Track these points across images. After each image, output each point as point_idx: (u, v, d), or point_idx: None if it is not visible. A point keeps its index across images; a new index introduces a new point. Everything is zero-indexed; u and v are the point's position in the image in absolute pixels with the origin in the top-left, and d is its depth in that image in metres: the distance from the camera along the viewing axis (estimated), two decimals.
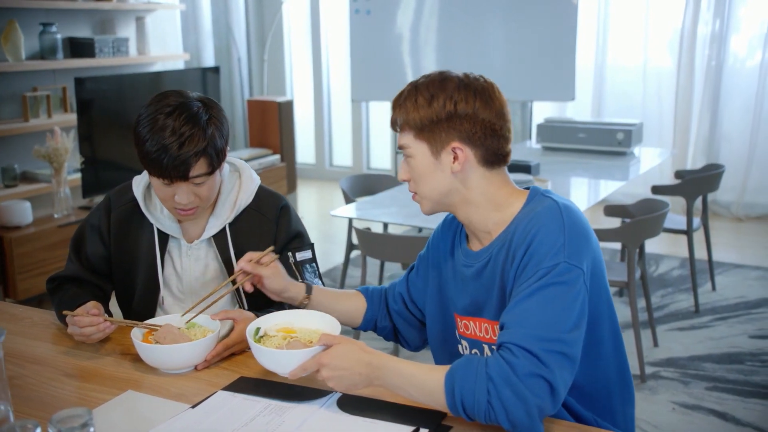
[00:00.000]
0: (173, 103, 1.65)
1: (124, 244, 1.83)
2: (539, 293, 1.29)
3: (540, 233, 1.34)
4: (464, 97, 1.40)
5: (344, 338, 1.39)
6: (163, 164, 1.61)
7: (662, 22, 5.75)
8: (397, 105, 1.46)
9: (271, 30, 6.90)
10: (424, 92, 1.42)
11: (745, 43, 5.55)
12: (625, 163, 4.30)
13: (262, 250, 1.81)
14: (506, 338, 1.28)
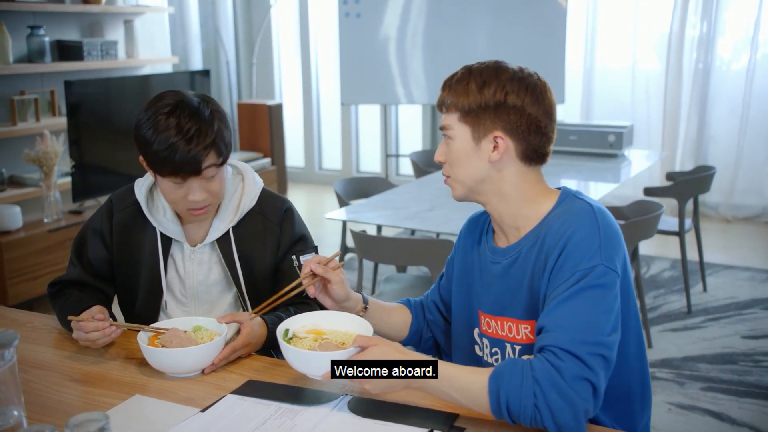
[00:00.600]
0: (171, 102, 1.63)
1: (126, 247, 1.81)
2: (579, 296, 1.29)
3: (575, 235, 1.34)
4: (516, 89, 1.40)
5: (380, 339, 1.38)
6: (175, 161, 1.59)
7: (650, 26, 5.80)
8: (447, 86, 1.46)
9: (260, 33, 6.88)
10: (477, 77, 1.41)
11: (731, 46, 5.60)
12: (616, 166, 4.33)
13: (266, 253, 1.80)
14: (549, 341, 1.27)
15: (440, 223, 3.18)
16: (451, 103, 1.44)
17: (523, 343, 1.46)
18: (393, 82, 5.89)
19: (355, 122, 7.13)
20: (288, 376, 1.57)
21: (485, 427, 1.34)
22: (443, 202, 3.52)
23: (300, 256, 1.83)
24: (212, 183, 1.67)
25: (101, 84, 4.64)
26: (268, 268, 1.81)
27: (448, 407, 1.40)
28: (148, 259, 1.80)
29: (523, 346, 1.46)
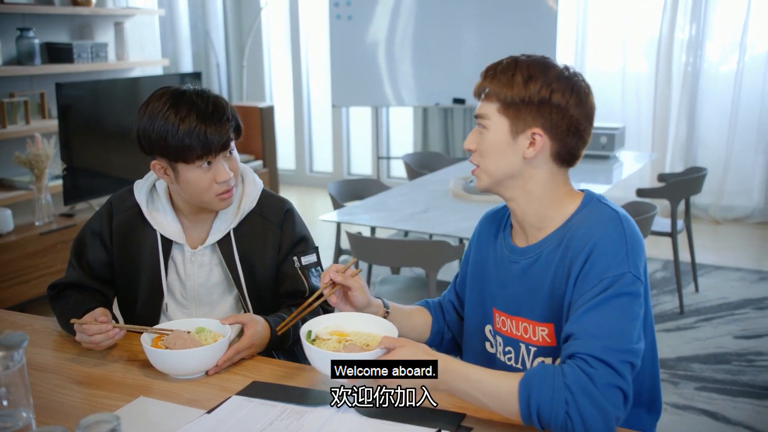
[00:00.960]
0: (167, 92, 1.65)
1: (126, 249, 1.80)
2: (608, 304, 1.28)
3: (602, 242, 1.33)
4: (561, 89, 1.38)
5: (407, 340, 1.36)
6: (208, 138, 1.60)
7: (640, 28, 5.83)
8: (490, 74, 1.43)
9: (250, 36, 6.87)
10: (524, 70, 1.39)
11: (720, 48, 5.64)
12: (609, 167, 4.35)
13: (267, 254, 1.79)
14: (579, 349, 1.26)
15: (435, 225, 3.18)
16: (492, 92, 1.41)
17: (539, 345, 1.46)
18: (384, 84, 5.89)
19: (346, 124, 7.13)
20: (292, 378, 1.56)
21: (493, 428, 1.34)
22: (438, 203, 3.52)
23: (301, 257, 1.82)
24: (232, 160, 1.70)
25: (92, 86, 4.62)
26: (270, 270, 1.81)
27: (455, 407, 1.40)
28: (148, 261, 1.78)
29: (539, 348, 1.46)
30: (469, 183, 3.70)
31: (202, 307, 1.81)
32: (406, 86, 5.84)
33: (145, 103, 1.67)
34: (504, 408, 1.27)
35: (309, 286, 1.81)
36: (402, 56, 5.81)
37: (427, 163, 4.78)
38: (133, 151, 5.16)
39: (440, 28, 5.70)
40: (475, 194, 3.58)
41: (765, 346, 3.57)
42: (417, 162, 4.74)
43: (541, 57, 1.42)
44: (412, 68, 5.78)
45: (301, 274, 1.81)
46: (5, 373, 1.08)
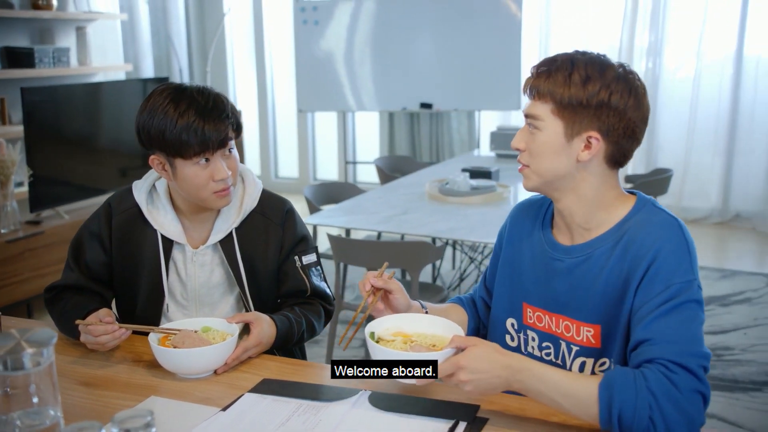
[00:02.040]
0: (168, 88, 1.66)
1: (126, 250, 1.78)
2: (680, 310, 1.27)
3: (665, 249, 1.31)
4: (620, 90, 1.33)
5: (479, 339, 1.32)
6: (206, 135, 1.60)
7: (601, 36, 5.97)
8: (544, 72, 1.37)
9: (214, 41, 6.82)
10: (581, 71, 1.34)
11: (678, 55, 5.81)
12: None
13: (269, 254, 1.80)
14: (658, 354, 1.24)
15: (415, 227, 3.21)
16: (546, 91, 1.36)
17: (582, 345, 1.44)
18: (351, 89, 5.92)
19: (312, 130, 7.12)
20: (301, 375, 1.57)
21: (507, 419, 1.36)
22: (415, 206, 3.55)
23: (302, 257, 1.83)
24: (231, 159, 1.69)
25: (56, 91, 4.53)
26: (271, 269, 1.81)
27: (468, 399, 1.42)
28: (148, 262, 1.77)
29: (582, 347, 1.44)
30: (444, 185, 3.74)
31: (203, 308, 1.80)
32: (372, 91, 5.87)
33: (147, 98, 1.67)
34: (581, 410, 1.25)
35: (310, 285, 1.82)
36: (369, 61, 5.84)
37: (399, 166, 4.81)
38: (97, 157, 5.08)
39: (407, 33, 5.76)
40: (451, 196, 3.62)
41: (732, 341, 3.68)
42: (388, 166, 4.77)
43: (597, 55, 1.37)
44: (379, 73, 5.82)
45: (303, 273, 1.82)
46: (35, 370, 1.06)
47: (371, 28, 5.81)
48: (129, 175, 5.03)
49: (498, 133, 4.87)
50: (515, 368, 1.27)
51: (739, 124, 5.68)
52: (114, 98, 4.93)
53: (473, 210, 3.47)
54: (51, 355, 1.08)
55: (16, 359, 1.05)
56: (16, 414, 1.08)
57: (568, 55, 1.38)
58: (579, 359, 1.45)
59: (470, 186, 3.67)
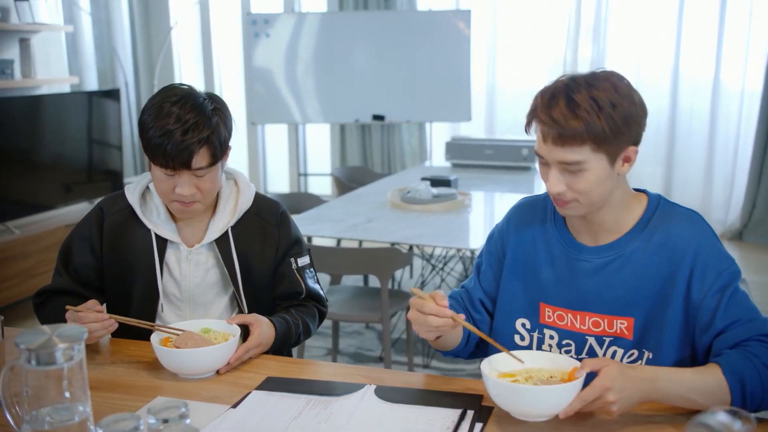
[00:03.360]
0: (180, 93, 1.66)
1: (118, 252, 1.78)
2: (739, 293, 1.39)
3: (703, 240, 1.42)
4: (634, 100, 1.37)
5: (606, 359, 1.34)
6: (167, 150, 1.59)
7: (547, 48, 6.16)
8: (570, 113, 1.32)
9: (161, 54, 6.75)
10: (603, 97, 1.32)
11: (618, 68, 6.03)
12: (530, 178, 4.57)
13: (265, 254, 1.82)
14: (748, 333, 1.37)
15: (383, 234, 3.27)
16: (579, 133, 1.33)
17: (615, 336, 1.48)
18: (303, 101, 5.95)
19: (262, 142, 7.11)
20: (302, 373, 1.60)
21: None
22: (378, 214, 3.61)
23: (297, 259, 1.85)
24: (203, 181, 1.67)
25: None
26: (267, 270, 1.83)
27: (471, 390, 1.47)
28: (142, 262, 1.77)
29: (615, 338, 1.48)
30: (406, 194, 3.81)
31: (197, 308, 1.80)
32: (325, 103, 5.92)
33: (161, 89, 1.70)
34: (713, 401, 1.29)
35: (305, 287, 1.85)
36: (321, 74, 5.89)
37: (355, 177, 4.86)
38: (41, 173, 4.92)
39: (360, 47, 5.83)
40: (413, 204, 3.69)
41: None
42: (346, 176, 4.81)
43: (603, 75, 1.36)
44: (331, 85, 5.87)
45: (298, 275, 1.84)
46: (67, 365, 1.07)
47: (324, 41, 5.86)
48: (74, 191, 4.95)
49: (453, 143, 4.97)
50: (649, 379, 1.30)
51: (678, 135, 5.93)
52: (58, 112, 4.84)
53: (435, 217, 3.55)
54: (82, 351, 1.09)
55: (49, 354, 1.06)
56: (46, 410, 1.09)
57: (576, 85, 1.34)
58: (611, 348, 1.49)
59: (431, 194, 3.74)
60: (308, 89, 5.92)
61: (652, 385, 1.29)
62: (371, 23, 5.82)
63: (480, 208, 3.92)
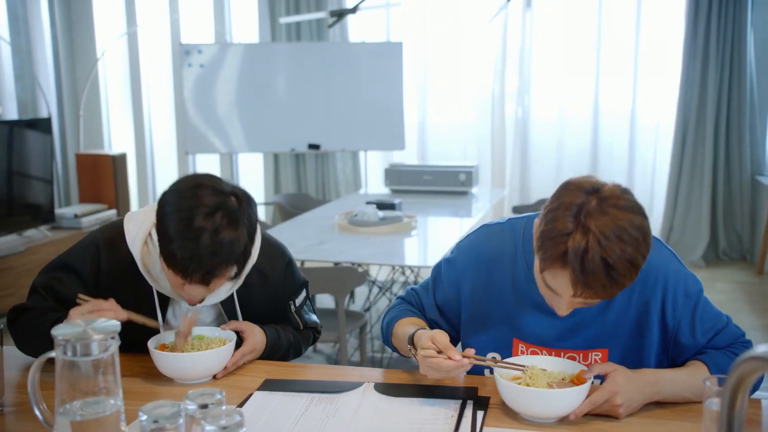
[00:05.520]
0: (215, 203, 1.48)
1: (116, 296, 1.62)
2: (706, 305, 1.51)
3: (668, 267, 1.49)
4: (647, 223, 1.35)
5: (613, 364, 1.41)
6: (188, 270, 1.47)
7: (475, 80, 6.38)
8: (611, 286, 1.30)
9: (87, 85, 6.63)
10: (638, 256, 1.30)
11: (543, 100, 6.31)
12: (468, 202, 4.72)
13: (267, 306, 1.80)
14: (729, 340, 1.51)
15: (337, 254, 3.32)
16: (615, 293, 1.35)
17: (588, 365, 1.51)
18: (237, 131, 5.96)
19: (194, 171, 7.04)
20: (298, 375, 1.63)
21: None
22: (329, 236, 3.66)
23: (296, 300, 1.85)
24: (209, 290, 1.58)
25: None
26: (267, 314, 1.81)
27: (466, 382, 1.55)
28: (141, 312, 1.64)
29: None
30: (354, 217, 3.88)
31: None
32: (260, 132, 5.95)
33: (189, 186, 1.52)
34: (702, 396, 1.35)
35: (302, 323, 1.87)
36: (256, 103, 5.92)
37: (296, 204, 4.90)
38: None
39: (294, 76, 5.91)
40: (362, 226, 3.76)
41: None
42: (290, 203, 4.85)
43: (627, 221, 1.29)
44: (266, 115, 5.91)
45: (297, 315, 1.85)
46: (102, 356, 1.08)
47: (258, 72, 5.91)
48: None
49: (392, 169, 5.09)
50: (652, 382, 1.41)
51: (599, 164, 6.23)
52: None
53: (384, 238, 3.63)
54: (116, 344, 1.10)
55: (85, 345, 1.07)
56: (78, 404, 1.09)
57: (606, 245, 1.27)
58: None
59: (378, 216, 3.83)
60: (243, 119, 5.93)
61: (654, 387, 1.41)
62: (305, 54, 5.91)
63: (427, 229, 4.02)
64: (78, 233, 5.04)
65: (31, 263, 4.69)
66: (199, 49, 5.91)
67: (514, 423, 1.38)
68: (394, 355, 3.90)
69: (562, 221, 1.31)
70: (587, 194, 1.32)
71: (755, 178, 5.80)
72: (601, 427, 1.36)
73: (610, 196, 1.31)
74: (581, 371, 1.42)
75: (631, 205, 1.32)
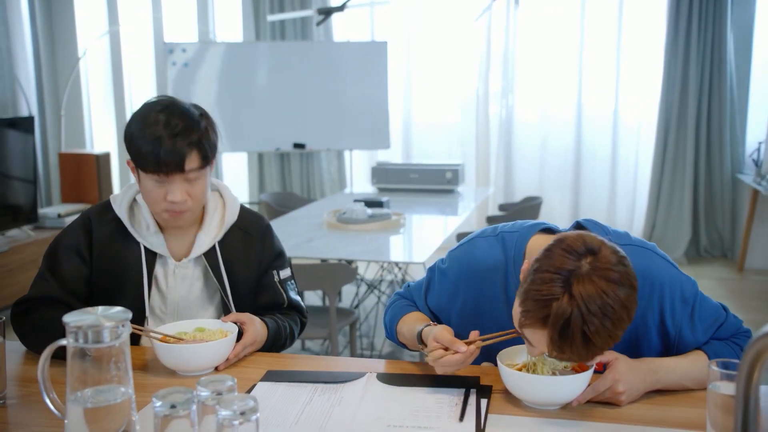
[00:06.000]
0: (164, 102, 1.69)
1: (107, 263, 1.74)
2: (703, 302, 1.52)
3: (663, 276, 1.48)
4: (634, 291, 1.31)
5: (614, 353, 1.42)
6: (160, 156, 1.61)
7: (460, 81, 6.42)
8: (585, 354, 1.29)
9: (68, 84, 6.57)
10: (619, 330, 1.28)
11: (526, 99, 6.36)
12: (455, 201, 4.75)
13: (249, 267, 1.84)
14: (730, 332, 1.53)
15: (328, 251, 3.33)
16: None
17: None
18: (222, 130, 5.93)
19: None
20: (300, 366, 1.64)
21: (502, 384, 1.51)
22: (318, 234, 3.67)
23: (280, 271, 1.88)
24: (194, 186, 1.68)
25: None
26: (251, 283, 1.84)
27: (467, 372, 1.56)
28: (131, 276, 1.74)
29: None
30: (342, 215, 3.89)
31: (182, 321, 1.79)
32: (245, 132, 5.93)
33: (144, 103, 1.71)
34: (704, 385, 1.36)
35: (287, 298, 1.88)
36: (241, 103, 5.91)
37: (282, 202, 4.90)
38: None
39: (279, 75, 5.90)
40: (351, 224, 3.77)
41: None
42: (276, 202, 4.84)
43: (614, 296, 1.26)
44: (251, 114, 5.89)
45: (280, 287, 1.87)
46: (114, 343, 1.08)
47: (243, 71, 5.89)
48: None
49: (378, 168, 5.10)
50: (653, 370, 1.43)
51: (583, 163, 6.29)
52: None
53: (373, 235, 3.64)
54: (127, 332, 1.10)
55: (97, 332, 1.07)
56: (89, 391, 1.09)
57: (587, 318, 1.25)
58: None
59: (367, 214, 3.84)
60: (227, 118, 5.91)
61: (655, 375, 1.43)
62: (290, 53, 5.90)
63: (415, 226, 4.03)
64: None
65: (15, 263, 4.65)
66: (183, 48, 5.88)
67: (517, 410, 1.40)
68: (385, 352, 3.91)
69: (550, 284, 1.27)
70: (580, 258, 1.28)
71: (735, 176, 5.89)
72: (604, 414, 1.38)
73: (603, 267, 1.27)
74: None
75: (622, 277, 1.28)
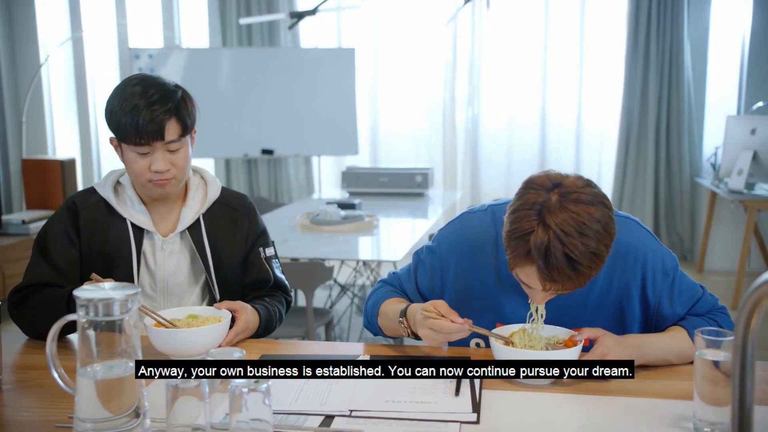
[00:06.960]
0: (140, 76, 1.74)
1: (95, 244, 1.77)
2: (682, 278, 1.58)
3: (645, 247, 1.55)
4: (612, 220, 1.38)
5: (601, 330, 1.48)
6: (138, 124, 1.65)
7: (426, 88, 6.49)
8: (575, 277, 1.35)
9: (29, 91, 6.48)
10: (603, 249, 1.35)
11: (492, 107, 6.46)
12: (425, 203, 4.80)
13: (235, 243, 1.89)
14: (706, 308, 1.59)
15: (305, 251, 3.35)
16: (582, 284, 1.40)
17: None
18: None
19: None
20: (294, 350, 1.66)
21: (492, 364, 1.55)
22: (292, 235, 3.68)
23: (265, 249, 1.92)
24: (176, 156, 1.73)
25: None
26: (237, 259, 1.88)
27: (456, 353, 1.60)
28: (120, 254, 1.77)
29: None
30: (316, 216, 3.91)
31: (171, 298, 1.82)
32: (212, 138, 5.91)
33: (121, 80, 1.75)
34: (685, 359, 1.52)
35: (273, 275, 1.91)
36: (208, 109, 5.88)
37: None
38: None
39: (246, 81, 5.90)
40: (324, 225, 3.79)
41: None
42: None
43: (590, 219, 1.33)
44: (219, 120, 5.88)
45: (267, 264, 1.90)
46: (125, 316, 1.09)
47: (210, 77, 5.88)
48: None
49: (349, 172, 5.14)
50: (637, 345, 1.49)
51: (548, 167, 6.37)
52: None
53: (347, 236, 3.67)
54: (137, 305, 1.12)
55: (107, 305, 1.08)
56: (98, 366, 1.10)
57: (566, 240, 1.31)
58: None
59: (341, 215, 3.86)
60: None
61: (640, 350, 1.49)
62: (257, 59, 5.92)
63: (387, 227, 4.07)
64: (26, 239, 4.93)
65: None
66: (149, 54, 5.85)
67: (510, 386, 1.44)
68: None
69: (524, 221, 1.34)
70: (548, 191, 1.34)
71: (694, 180, 6.06)
72: (593, 387, 1.43)
73: (571, 192, 1.33)
74: (572, 335, 1.49)
75: (591, 198, 1.34)
